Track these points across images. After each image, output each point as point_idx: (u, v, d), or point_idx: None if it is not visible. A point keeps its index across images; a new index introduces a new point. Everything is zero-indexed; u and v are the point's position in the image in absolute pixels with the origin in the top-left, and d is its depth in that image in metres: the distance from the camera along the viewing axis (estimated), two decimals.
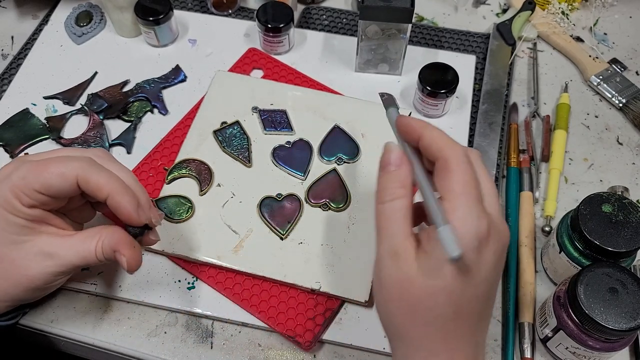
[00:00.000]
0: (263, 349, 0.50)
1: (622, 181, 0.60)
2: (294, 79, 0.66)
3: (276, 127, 0.61)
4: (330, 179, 0.57)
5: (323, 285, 0.50)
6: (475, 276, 0.33)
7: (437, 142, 0.36)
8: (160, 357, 0.49)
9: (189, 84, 0.66)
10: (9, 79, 0.66)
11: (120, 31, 0.70)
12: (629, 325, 0.42)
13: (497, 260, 0.34)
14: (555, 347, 0.48)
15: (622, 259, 0.47)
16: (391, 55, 0.65)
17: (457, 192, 0.34)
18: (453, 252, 0.32)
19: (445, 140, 0.35)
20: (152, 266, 0.53)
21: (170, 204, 0.55)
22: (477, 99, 0.66)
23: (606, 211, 0.47)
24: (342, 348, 0.50)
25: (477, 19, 0.75)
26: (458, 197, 0.33)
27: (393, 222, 0.36)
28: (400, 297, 0.35)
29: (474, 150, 0.38)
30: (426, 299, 0.34)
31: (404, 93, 0.66)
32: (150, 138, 0.62)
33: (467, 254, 0.33)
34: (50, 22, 0.72)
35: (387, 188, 0.37)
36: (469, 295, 0.34)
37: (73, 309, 0.52)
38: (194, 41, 0.70)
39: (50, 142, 0.61)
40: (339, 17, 0.74)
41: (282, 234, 0.53)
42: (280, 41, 0.67)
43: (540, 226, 0.57)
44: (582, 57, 0.69)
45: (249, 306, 0.50)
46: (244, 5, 0.75)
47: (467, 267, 0.33)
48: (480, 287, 0.34)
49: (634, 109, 0.65)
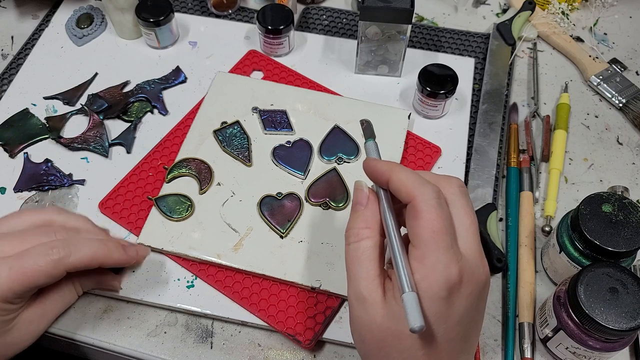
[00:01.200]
0: (263, 349, 0.50)
1: (622, 181, 0.60)
2: (294, 80, 0.66)
3: (276, 127, 0.61)
4: (330, 178, 0.57)
5: (323, 284, 0.50)
6: (447, 321, 0.33)
7: (404, 184, 0.34)
8: (160, 357, 0.49)
9: (189, 85, 0.67)
10: (9, 79, 0.67)
11: (121, 33, 0.70)
12: (629, 325, 0.41)
13: (472, 301, 0.34)
14: (555, 347, 0.48)
15: (622, 259, 0.47)
16: (391, 56, 0.65)
17: (426, 240, 0.33)
18: (414, 323, 0.31)
19: (414, 182, 0.34)
20: (152, 265, 0.53)
21: (170, 203, 0.55)
22: (477, 99, 0.66)
23: (606, 211, 0.47)
24: (342, 347, 0.50)
25: (477, 19, 0.75)
26: (426, 244, 0.32)
27: (358, 264, 0.35)
28: (370, 339, 0.34)
29: (454, 181, 0.36)
30: (395, 342, 0.33)
31: (404, 94, 0.66)
32: (150, 138, 0.62)
33: (436, 304, 0.32)
34: (51, 23, 0.72)
35: (352, 228, 0.36)
36: (440, 339, 0.33)
37: (72, 309, 0.51)
38: (194, 43, 0.70)
39: (49, 142, 0.61)
40: (338, 17, 0.74)
41: (282, 232, 0.53)
42: (281, 43, 0.67)
43: (540, 226, 0.57)
44: (582, 57, 0.69)
45: (249, 305, 0.50)
46: (244, 6, 0.75)
47: (436, 316, 0.32)
48: (453, 330, 0.33)
49: (634, 109, 0.65)
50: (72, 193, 0.58)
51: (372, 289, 0.34)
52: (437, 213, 0.33)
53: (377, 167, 0.36)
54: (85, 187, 0.58)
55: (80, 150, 0.61)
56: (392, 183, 0.35)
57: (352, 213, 0.37)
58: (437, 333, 0.33)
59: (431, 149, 0.60)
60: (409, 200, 0.34)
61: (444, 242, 0.32)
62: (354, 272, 0.35)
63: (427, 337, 0.33)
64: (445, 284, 0.32)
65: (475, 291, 0.34)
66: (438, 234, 0.32)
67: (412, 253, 0.33)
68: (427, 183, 0.34)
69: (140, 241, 0.53)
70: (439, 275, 0.32)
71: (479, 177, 0.59)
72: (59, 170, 0.59)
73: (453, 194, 0.35)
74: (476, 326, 0.36)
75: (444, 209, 0.34)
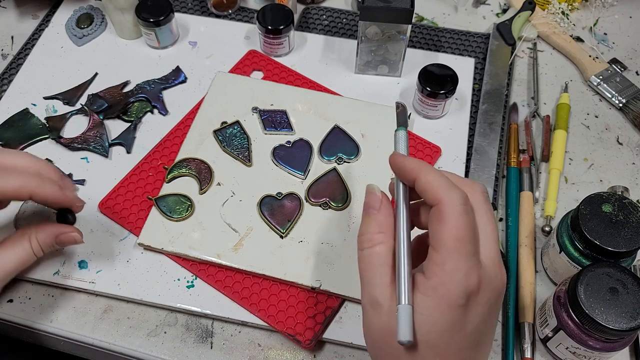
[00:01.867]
0: (263, 349, 0.50)
1: (622, 181, 0.60)
2: (294, 80, 0.66)
3: (276, 127, 0.61)
4: (330, 178, 0.57)
5: (323, 284, 0.50)
6: (464, 329, 0.32)
7: (432, 187, 0.33)
8: (160, 357, 0.49)
9: (189, 85, 0.67)
10: (9, 79, 0.67)
11: (121, 33, 0.70)
12: (629, 325, 0.41)
13: (489, 309, 0.33)
14: (555, 347, 0.48)
15: (622, 259, 0.47)
16: (391, 56, 0.65)
17: (448, 246, 0.32)
18: (404, 336, 0.31)
19: (442, 186, 0.33)
20: (151, 265, 0.53)
21: (170, 203, 0.55)
22: (477, 99, 0.66)
23: (606, 211, 0.47)
24: (342, 347, 0.50)
25: (477, 19, 0.75)
26: (448, 251, 0.32)
27: (371, 270, 0.34)
28: (384, 345, 0.34)
29: (478, 187, 0.35)
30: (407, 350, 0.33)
31: (404, 94, 0.66)
32: (150, 138, 0.62)
33: (453, 311, 0.32)
34: (51, 24, 0.72)
35: (365, 233, 0.35)
36: (455, 347, 0.33)
37: (72, 309, 0.52)
38: (194, 43, 0.70)
39: (49, 142, 0.61)
40: (338, 17, 0.74)
41: (282, 232, 0.53)
42: (281, 43, 0.67)
43: (540, 226, 0.57)
44: (582, 57, 0.69)
45: (249, 305, 0.50)
46: (244, 6, 0.75)
47: (452, 323, 0.32)
48: (469, 338, 0.33)
49: (634, 109, 0.65)
50: None
51: (387, 295, 0.33)
52: (464, 220, 0.32)
53: (405, 164, 0.35)
54: (85, 187, 0.58)
55: (80, 150, 0.61)
56: (419, 184, 0.34)
57: (364, 217, 0.36)
58: (453, 341, 0.32)
59: (431, 149, 0.60)
60: (435, 204, 0.33)
61: (466, 249, 0.32)
62: (368, 279, 0.34)
63: (442, 344, 0.32)
64: (464, 291, 0.31)
65: (492, 299, 0.33)
66: (462, 242, 0.32)
67: (433, 256, 0.33)
68: (455, 187, 0.33)
69: (141, 241, 0.53)
70: (458, 282, 0.32)
71: (479, 177, 0.59)
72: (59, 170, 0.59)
73: (477, 200, 0.35)
74: (489, 335, 0.35)
75: (470, 217, 0.33)
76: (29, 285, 0.53)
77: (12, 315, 0.51)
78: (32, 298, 0.52)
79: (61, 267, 0.53)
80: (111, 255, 0.53)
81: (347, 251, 0.53)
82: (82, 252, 0.53)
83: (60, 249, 0.53)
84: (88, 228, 0.55)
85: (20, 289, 0.53)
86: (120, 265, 0.53)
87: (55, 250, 0.52)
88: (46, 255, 0.53)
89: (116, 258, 0.53)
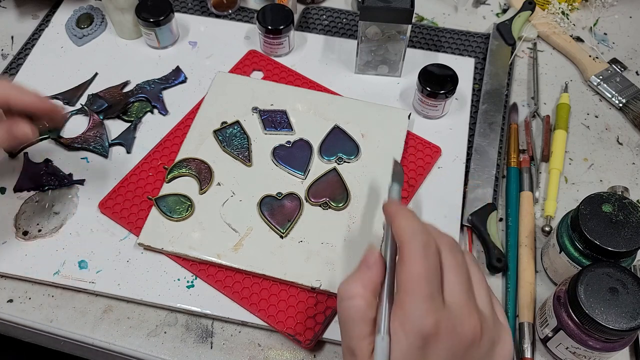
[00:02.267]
0: (263, 349, 0.50)
1: (622, 181, 0.60)
2: (294, 80, 0.66)
3: (276, 127, 0.61)
4: (330, 178, 0.57)
5: (323, 284, 0.50)
6: None
7: (399, 230, 0.35)
8: (160, 357, 0.49)
9: (189, 85, 0.67)
10: (9, 79, 0.67)
11: (121, 33, 0.70)
12: (629, 325, 0.41)
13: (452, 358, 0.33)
14: (555, 347, 0.48)
15: (622, 259, 0.47)
16: (391, 56, 0.65)
17: (406, 287, 0.33)
18: None
19: (407, 229, 0.34)
20: (151, 265, 0.53)
21: (170, 203, 0.55)
22: (477, 99, 0.66)
23: (606, 211, 0.47)
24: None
25: (477, 19, 0.75)
26: (406, 291, 0.33)
27: (349, 321, 0.35)
28: None
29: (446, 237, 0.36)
30: None
31: (404, 94, 0.66)
32: (150, 138, 0.62)
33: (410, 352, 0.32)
34: (51, 24, 0.72)
35: (347, 284, 0.36)
36: None
37: (72, 309, 0.52)
38: (194, 43, 0.70)
39: (49, 142, 0.61)
40: (338, 17, 0.74)
41: (282, 232, 0.53)
42: (281, 43, 0.67)
43: (540, 226, 0.57)
44: (582, 57, 0.69)
45: (249, 305, 0.50)
46: (244, 6, 0.75)
47: None
48: None
49: (634, 109, 0.65)
50: (72, 193, 0.58)
51: (362, 346, 0.34)
52: (420, 261, 0.33)
53: (386, 208, 0.38)
54: (85, 187, 0.58)
55: (80, 150, 0.61)
56: (392, 228, 0.36)
57: (355, 270, 0.37)
58: None
59: (431, 149, 0.60)
60: (400, 246, 0.35)
61: (424, 290, 0.33)
62: (346, 329, 0.35)
63: None
64: (419, 332, 0.32)
65: (456, 347, 0.33)
66: (420, 282, 0.33)
67: (395, 299, 0.34)
68: (420, 232, 0.34)
69: (141, 241, 0.53)
70: (412, 323, 0.32)
71: (479, 177, 0.59)
72: (59, 170, 0.59)
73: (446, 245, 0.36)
74: None
75: (429, 259, 0.34)
76: (29, 285, 0.53)
77: (12, 315, 0.51)
78: (32, 298, 0.52)
79: (61, 267, 0.53)
80: (111, 255, 0.53)
81: (347, 251, 0.53)
82: (82, 252, 0.53)
83: (16, 146, 0.55)
84: (88, 228, 0.55)
85: (20, 289, 0.53)
86: (120, 265, 0.53)
87: None
88: (46, 255, 0.53)
89: (116, 258, 0.53)
